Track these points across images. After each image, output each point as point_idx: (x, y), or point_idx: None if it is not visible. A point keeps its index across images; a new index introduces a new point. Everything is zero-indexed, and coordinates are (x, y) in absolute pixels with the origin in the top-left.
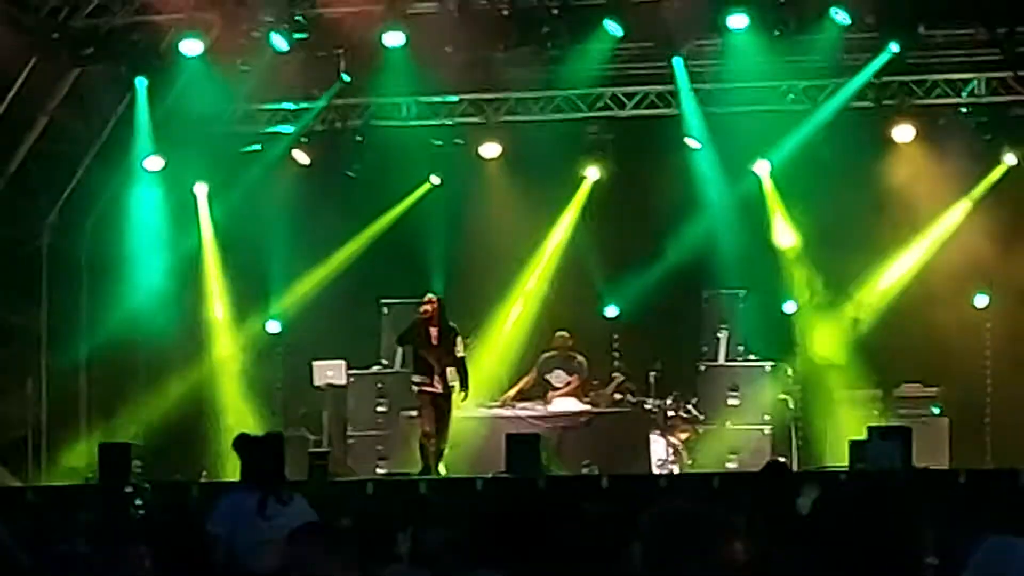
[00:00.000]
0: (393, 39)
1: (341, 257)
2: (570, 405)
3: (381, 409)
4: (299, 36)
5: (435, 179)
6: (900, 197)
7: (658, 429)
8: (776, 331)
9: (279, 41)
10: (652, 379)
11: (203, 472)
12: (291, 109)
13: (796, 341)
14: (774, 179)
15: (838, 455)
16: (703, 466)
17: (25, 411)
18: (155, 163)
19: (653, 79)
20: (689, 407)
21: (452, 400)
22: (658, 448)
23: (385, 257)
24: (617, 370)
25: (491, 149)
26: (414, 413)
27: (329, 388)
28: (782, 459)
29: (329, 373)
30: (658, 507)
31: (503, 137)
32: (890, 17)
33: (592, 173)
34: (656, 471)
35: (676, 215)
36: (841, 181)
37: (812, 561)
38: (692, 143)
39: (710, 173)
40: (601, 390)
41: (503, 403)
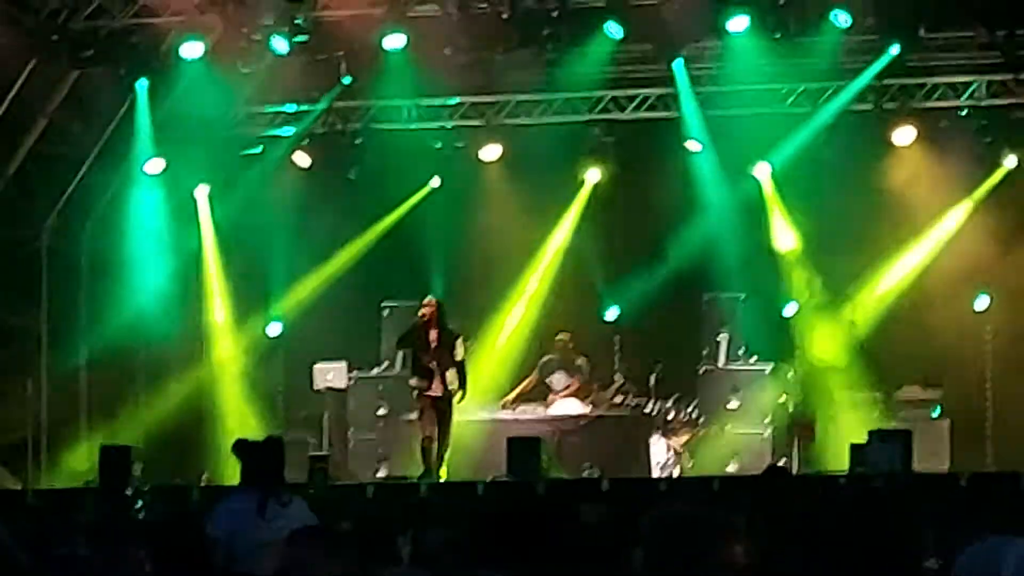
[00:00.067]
0: (393, 42)
1: (342, 260)
2: (571, 408)
3: (382, 412)
4: (300, 39)
5: (435, 182)
6: (900, 200)
7: (658, 432)
8: (776, 334)
9: (279, 44)
10: (652, 382)
11: (203, 475)
12: (292, 112)
13: (796, 344)
14: (775, 182)
15: (838, 458)
16: (703, 469)
17: (25, 413)
18: (156, 166)
19: (653, 82)
20: (689, 410)
21: (453, 403)
22: (658, 451)
23: (386, 260)
24: (618, 372)
25: (491, 152)
26: (415, 416)
27: (330, 391)
28: (782, 463)
29: (330, 376)
30: (658, 510)
31: (503, 140)
32: (890, 20)
33: (592, 176)
34: (656, 474)
35: (676, 218)
36: (841, 184)
37: (812, 564)
38: (692, 146)
39: (710, 176)
40: (602, 393)
41: (504, 406)
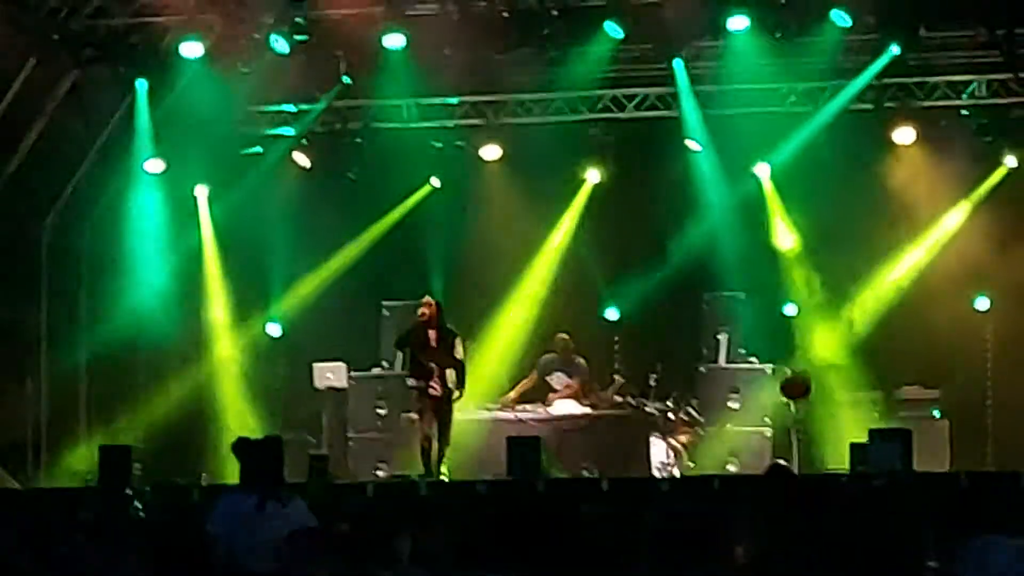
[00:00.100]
0: (393, 41)
1: (342, 259)
2: (570, 407)
3: (381, 411)
4: (299, 38)
5: (435, 181)
6: (901, 199)
7: (658, 431)
8: (776, 333)
9: (279, 43)
10: (652, 381)
11: (203, 474)
12: (291, 111)
13: (796, 344)
14: (774, 181)
15: (839, 457)
16: (703, 468)
17: (25, 412)
18: (156, 166)
19: (653, 81)
20: (689, 409)
21: (452, 402)
22: (658, 450)
23: (386, 259)
24: (617, 372)
25: (491, 151)
26: (414, 415)
27: (329, 390)
28: (783, 462)
29: (329, 375)
30: (660, 510)
31: (503, 139)
32: (891, 19)
33: (592, 175)
34: (656, 474)
35: (676, 217)
36: (842, 183)
37: (813, 563)
38: (692, 145)
39: (710, 175)
40: (601, 392)
41: (503, 405)
